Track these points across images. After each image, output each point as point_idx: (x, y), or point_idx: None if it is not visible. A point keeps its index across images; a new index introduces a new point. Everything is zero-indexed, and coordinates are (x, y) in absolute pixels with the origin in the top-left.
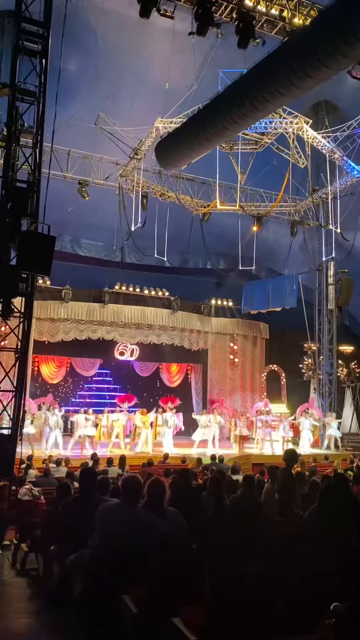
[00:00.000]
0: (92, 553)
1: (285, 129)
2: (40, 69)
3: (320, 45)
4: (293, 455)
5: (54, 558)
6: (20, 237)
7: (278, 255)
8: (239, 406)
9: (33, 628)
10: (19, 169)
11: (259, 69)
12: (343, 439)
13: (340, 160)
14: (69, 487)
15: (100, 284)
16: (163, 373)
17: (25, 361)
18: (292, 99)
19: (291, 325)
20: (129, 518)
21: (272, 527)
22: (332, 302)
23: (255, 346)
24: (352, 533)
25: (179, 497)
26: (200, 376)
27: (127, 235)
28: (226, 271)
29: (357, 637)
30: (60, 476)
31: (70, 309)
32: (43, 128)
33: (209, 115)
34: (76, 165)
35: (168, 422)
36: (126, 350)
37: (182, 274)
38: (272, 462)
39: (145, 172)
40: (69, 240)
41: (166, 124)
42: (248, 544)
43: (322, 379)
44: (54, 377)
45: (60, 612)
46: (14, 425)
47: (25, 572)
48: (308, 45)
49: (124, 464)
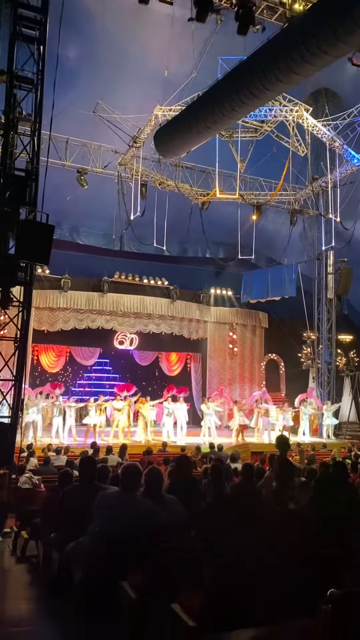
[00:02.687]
0: (92, 540)
1: (285, 117)
2: (38, 55)
3: (320, 31)
4: (284, 441)
5: (54, 545)
6: (19, 226)
7: (277, 244)
8: (238, 395)
9: (33, 614)
10: (17, 157)
11: (259, 56)
12: (341, 428)
13: (340, 149)
14: (71, 475)
15: (99, 273)
16: (162, 362)
17: (25, 350)
18: (292, 86)
19: (290, 315)
20: (128, 506)
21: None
22: (331, 291)
23: (255, 335)
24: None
25: (178, 484)
26: (199, 365)
27: (126, 224)
28: (225, 260)
29: (353, 622)
30: (60, 464)
31: (69, 298)
32: (41, 116)
33: (208, 103)
34: (75, 153)
35: (169, 412)
36: (125, 340)
37: (181, 263)
38: (270, 451)
39: (145, 161)
40: (67, 229)
41: (165, 112)
42: (247, 530)
43: (321, 368)
44: (53, 367)
45: (60, 598)
46: (14, 414)
47: (25, 559)
48: (308, 32)
49: (124, 452)
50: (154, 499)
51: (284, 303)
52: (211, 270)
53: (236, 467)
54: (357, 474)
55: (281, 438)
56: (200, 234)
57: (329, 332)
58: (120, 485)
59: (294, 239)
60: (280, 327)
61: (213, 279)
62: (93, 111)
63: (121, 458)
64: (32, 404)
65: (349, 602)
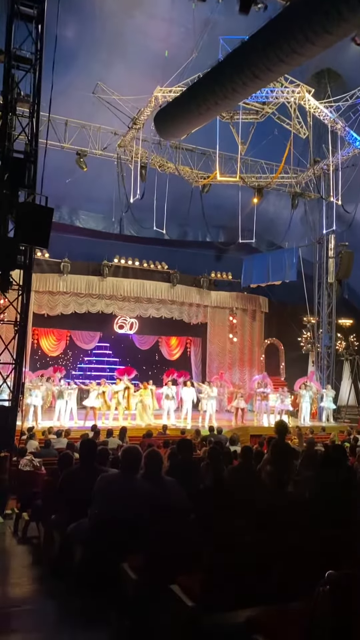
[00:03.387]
0: (92, 522)
1: (286, 99)
2: (37, 35)
3: (323, 10)
4: (283, 426)
5: (55, 527)
6: (18, 209)
7: (278, 228)
8: (238, 379)
9: (35, 594)
10: (16, 139)
11: (260, 36)
12: (340, 411)
13: (342, 131)
14: (71, 458)
15: (99, 256)
16: (162, 346)
17: (25, 334)
18: (294, 67)
19: (291, 299)
20: (128, 488)
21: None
22: (332, 275)
23: (255, 320)
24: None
25: (177, 466)
26: (199, 349)
27: (126, 207)
28: (226, 244)
29: (350, 604)
30: (61, 447)
31: (69, 282)
32: (40, 96)
33: (209, 84)
34: (74, 135)
35: (169, 396)
36: (125, 324)
37: (181, 246)
38: (269, 434)
39: (144, 142)
40: (67, 212)
41: (165, 93)
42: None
43: (321, 352)
44: (54, 350)
45: (60, 578)
46: (14, 397)
47: (26, 540)
48: (311, 11)
49: (124, 435)
50: (153, 481)
51: (284, 287)
52: (211, 254)
53: (235, 449)
54: (355, 457)
55: (280, 423)
56: (200, 218)
57: (329, 316)
58: (121, 467)
59: (295, 222)
60: (281, 311)
61: (213, 263)
62: (92, 92)
63: (121, 441)
64: (32, 387)
65: (346, 584)
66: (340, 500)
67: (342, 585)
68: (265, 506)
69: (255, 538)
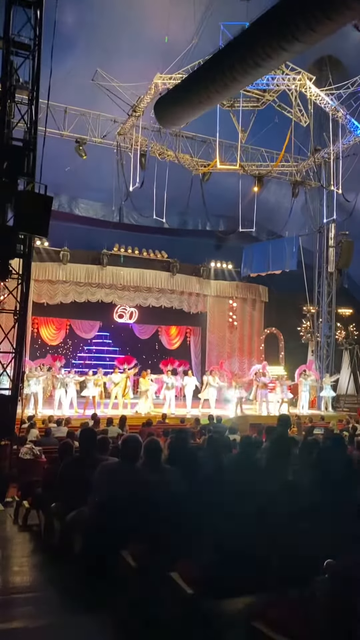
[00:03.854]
0: (92, 510)
1: (287, 86)
2: (35, 20)
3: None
4: (287, 419)
5: (55, 515)
6: (17, 198)
7: (278, 217)
8: (237, 368)
9: (35, 581)
10: (15, 126)
11: (261, 23)
12: (339, 400)
13: (344, 119)
14: (71, 447)
15: (98, 245)
16: (162, 336)
17: (24, 323)
18: (295, 55)
19: (290, 288)
20: (128, 476)
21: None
22: (332, 264)
23: (254, 309)
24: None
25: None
26: (199, 339)
27: (126, 196)
28: (226, 233)
29: (347, 593)
30: (61, 436)
31: (68, 270)
32: (39, 84)
33: (209, 72)
34: (73, 123)
35: (169, 385)
36: (125, 313)
37: (181, 235)
38: (269, 423)
39: (144, 130)
40: (66, 201)
41: (166, 80)
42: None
43: (320, 342)
44: (53, 339)
45: (61, 566)
46: (14, 386)
47: (27, 528)
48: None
49: (124, 424)
50: (153, 470)
51: (284, 276)
52: (211, 243)
53: (235, 438)
54: (354, 446)
55: (284, 416)
56: (200, 206)
57: (329, 305)
58: (120, 456)
59: (296, 211)
60: (280, 300)
61: (213, 252)
62: (92, 79)
63: (121, 429)
64: (32, 376)
65: (344, 573)
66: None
67: (341, 574)
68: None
69: (254, 526)
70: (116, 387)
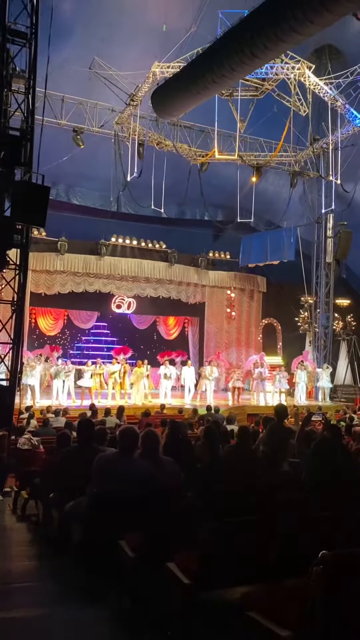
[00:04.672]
0: (90, 500)
1: (286, 75)
2: (32, 7)
3: None
4: (283, 410)
5: (53, 505)
6: (14, 187)
7: (277, 207)
8: (235, 359)
9: (34, 570)
10: (12, 116)
11: (259, 12)
12: (337, 391)
13: (343, 109)
14: (69, 437)
15: (96, 235)
16: (160, 326)
17: (22, 313)
18: (293, 46)
19: (288, 279)
20: (126, 467)
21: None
22: (330, 255)
23: (252, 299)
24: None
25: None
26: (197, 329)
27: (123, 185)
28: (224, 223)
29: (342, 583)
30: (59, 426)
31: (66, 261)
32: (36, 72)
33: (207, 62)
34: (70, 112)
35: (167, 375)
36: (123, 303)
37: (179, 225)
38: (266, 413)
39: (142, 119)
40: (63, 190)
41: (164, 69)
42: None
43: (318, 332)
44: (51, 329)
45: (59, 556)
46: (12, 377)
47: (25, 517)
48: None
49: (121, 414)
50: (151, 460)
51: (282, 267)
52: (209, 234)
53: (232, 429)
54: (351, 436)
55: (281, 406)
56: (198, 196)
57: (326, 296)
58: (118, 446)
59: (294, 201)
60: (278, 291)
61: (211, 243)
62: (89, 67)
63: (119, 419)
64: (29, 366)
65: (339, 564)
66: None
67: (335, 565)
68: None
69: (251, 517)
70: (113, 378)
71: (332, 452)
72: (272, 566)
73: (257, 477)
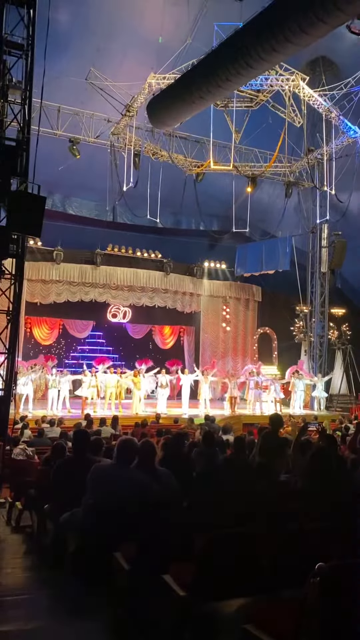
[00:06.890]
0: (85, 512)
1: (281, 86)
2: (28, 19)
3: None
4: (278, 419)
5: (48, 516)
6: (10, 197)
7: (272, 217)
8: (231, 368)
9: (28, 583)
10: (8, 126)
11: (254, 24)
12: (332, 400)
13: (337, 120)
14: (64, 448)
15: (91, 244)
16: (156, 335)
17: (17, 323)
18: (288, 57)
19: (284, 288)
20: (122, 478)
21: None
22: (325, 264)
23: (248, 309)
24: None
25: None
26: (192, 338)
27: (119, 195)
28: (219, 233)
29: (339, 595)
30: (54, 436)
31: (62, 270)
32: (32, 83)
33: (202, 73)
34: (67, 122)
35: (162, 384)
36: (119, 313)
37: (174, 235)
38: (262, 423)
39: (138, 130)
40: (59, 200)
41: (159, 80)
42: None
43: (313, 342)
44: (46, 339)
45: (54, 567)
46: (7, 387)
47: (20, 529)
48: None
49: (116, 424)
50: (147, 472)
51: (277, 276)
52: (205, 243)
53: (228, 439)
54: (347, 445)
55: (276, 416)
56: (194, 206)
57: (322, 305)
58: (115, 458)
59: (289, 211)
60: (274, 300)
61: (206, 252)
62: (85, 78)
63: (114, 429)
64: (20, 375)
65: (336, 576)
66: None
67: (332, 577)
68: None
69: (247, 528)
70: (109, 388)
71: (328, 462)
72: (268, 578)
73: (252, 488)
